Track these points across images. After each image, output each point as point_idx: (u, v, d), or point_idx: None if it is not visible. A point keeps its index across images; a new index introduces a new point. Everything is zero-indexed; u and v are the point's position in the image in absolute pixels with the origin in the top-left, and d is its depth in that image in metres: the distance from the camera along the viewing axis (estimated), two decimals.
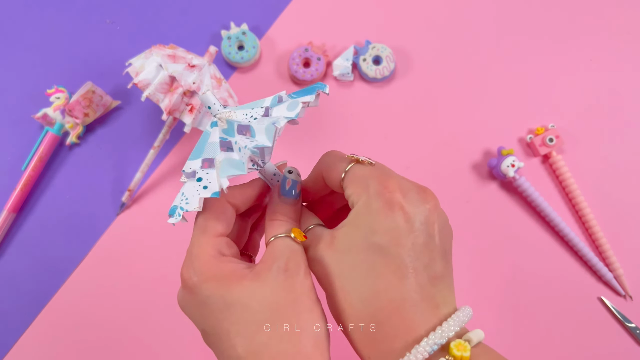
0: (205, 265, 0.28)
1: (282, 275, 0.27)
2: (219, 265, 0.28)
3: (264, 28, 0.62)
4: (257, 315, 0.26)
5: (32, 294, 0.55)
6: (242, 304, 0.26)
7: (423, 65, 0.61)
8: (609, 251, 0.55)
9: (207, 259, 0.28)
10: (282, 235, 0.29)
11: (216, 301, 0.27)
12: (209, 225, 0.29)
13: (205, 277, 0.27)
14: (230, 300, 0.26)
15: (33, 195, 0.57)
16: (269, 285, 0.27)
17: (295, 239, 0.29)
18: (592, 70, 0.61)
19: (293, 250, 0.28)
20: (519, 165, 0.54)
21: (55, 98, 0.57)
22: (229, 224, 0.30)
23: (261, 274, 0.27)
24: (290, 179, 0.31)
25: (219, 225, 0.29)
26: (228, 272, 0.27)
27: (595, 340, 0.54)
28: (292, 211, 0.31)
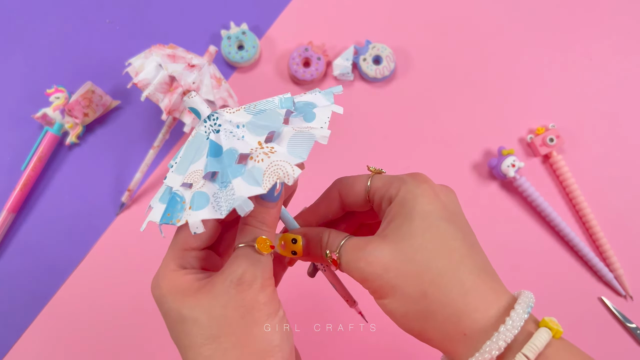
0: (164, 279, 0.28)
1: (233, 288, 0.27)
2: (177, 278, 0.28)
3: (263, 28, 0.62)
4: (205, 329, 0.27)
5: (31, 294, 0.55)
6: (193, 317, 0.27)
7: (423, 65, 0.61)
8: (610, 251, 0.55)
9: (166, 272, 0.29)
10: (245, 244, 0.28)
11: (173, 314, 0.28)
12: (180, 238, 0.30)
13: (165, 290, 0.28)
14: (185, 314, 0.27)
15: (33, 195, 0.57)
16: (220, 299, 0.27)
17: (258, 250, 0.28)
18: (592, 69, 0.61)
19: (252, 261, 0.27)
20: (520, 165, 0.54)
21: (54, 98, 0.57)
22: (205, 237, 0.30)
23: (215, 286, 0.27)
24: None
25: (191, 239, 0.30)
26: (185, 285, 0.28)
27: (596, 340, 0.54)
28: (268, 216, 0.29)
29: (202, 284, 0.28)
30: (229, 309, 0.27)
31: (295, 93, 0.44)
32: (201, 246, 0.30)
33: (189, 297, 0.27)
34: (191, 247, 0.30)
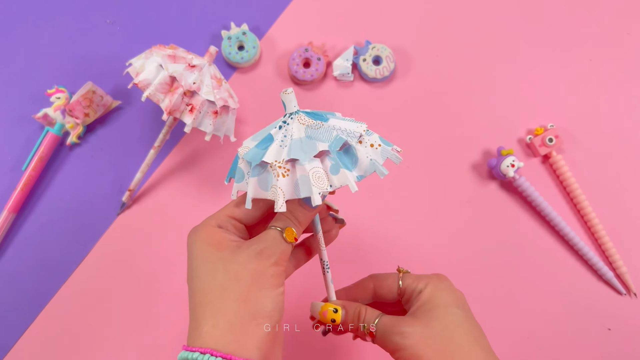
0: (202, 230, 0.35)
1: (254, 256, 0.33)
2: (213, 232, 0.35)
3: (264, 28, 0.62)
4: (218, 277, 0.33)
5: (32, 294, 0.55)
6: (213, 265, 0.33)
7: (423, 65, 0.61)
8: (612, 249, 0.55)
9: (206, 226, 0.36)
10: (278, 228, 0.35)
11: (198, 257, 0.34)
12: (229, 208, 0.37)
13: (199, 237, 0.35)
14: (208, 259, 0.34)
15: (33, 195, 0.57)
16: (239, 259, 0.33)
17: (285, 237, 0.34)
18: (591, 70, 0.61)
19: (276, 242, 0.34)
20: (519, 165, 0.55)
21: (55, 98, 0.57)
22: (248, 215, 0.37)
23: (241, 248, 0.34)
24: None
25: (237, 211, 0.37)
26: (217, 239, 0.35)
27: (596, 340, 0.54)
28: (303, 215, 0.36)
29: (233, 243, 0.34)
30: (243, 269, 0.33)
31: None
32: (242, 220, 0.37)
33: (217, 250, 0.34)
34: (234, 217, 0.37)
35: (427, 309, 0.37)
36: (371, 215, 0.57)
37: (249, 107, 0.60)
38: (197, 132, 0.58)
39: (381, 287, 0.40)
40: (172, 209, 0.57)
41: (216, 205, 0.37)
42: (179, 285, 0.55)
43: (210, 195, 0.57)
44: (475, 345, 0.35)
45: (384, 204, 0.57)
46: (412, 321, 0.36)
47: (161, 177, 0.58)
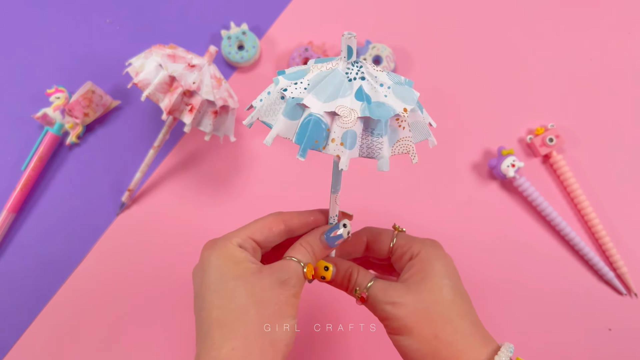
0: (221, 246, 0.35)
1: (277, 284, 0.33)
2: (233, 251, 0.34)
3: (264, 28, 0.62)
4: (240, 299, 0.32)
5: (32, 294, 0.55)
6: (234, 284, 0.33)
7: (423, 65, 0.61)
8: (613, 249, 0.55)
9: (226, 243, 0.35)
10: (300, 262, 0.35)
11: (216, 272, 0.34)
12: (251, 228, 0.36)
13: (216, 253, 0.34)
14: (227, 277, 0.33)
15: (33, 195, 0.57)
16: (264, 285, 0.33)
17: (305, 272, 0.35)
18: (592, 69, 0.61)
19: (297, 275, 0.34)
20: (519, 165, 0.55)
21: (55, 98, 0.57)
22: (269, 237, 0.36)
23: (263, 273, 0.34)
24: (340, 232, 0.37)
25: (257, 233, 0.36)
26: (238, 258, 0.34)
27: (596, 340, 0.54)
28: (320, 251, 0.37)
29: (254, 266, 0.34)
30: (268, 295, 0.33)
31: None
32: (261, 243, 0.36)
33: (236, 268, 0.34)
34: (255, 239, 0.36)
35: (419, 279, 0.36)
36: (371, 215, 0.57)
37: None
38: (197, 132, 0.58)
39: (374, 241, 0.40)
40: (172, 208, 0.57)
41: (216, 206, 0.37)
42: (179, 285, 0.55)
43: (210, 195, 0.57)
44: (465, 319, 0.35)
45: (384, 203, 0.57)
46: (404, 291, 0.36)
47: (161, 177, 0.58)
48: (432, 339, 0.34)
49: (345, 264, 0.39)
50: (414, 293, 0.36)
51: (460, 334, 0.34)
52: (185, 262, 0.56)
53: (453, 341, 0.34)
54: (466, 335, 0.35)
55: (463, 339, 0.34)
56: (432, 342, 0.34)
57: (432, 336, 0.34)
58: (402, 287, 0.36)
